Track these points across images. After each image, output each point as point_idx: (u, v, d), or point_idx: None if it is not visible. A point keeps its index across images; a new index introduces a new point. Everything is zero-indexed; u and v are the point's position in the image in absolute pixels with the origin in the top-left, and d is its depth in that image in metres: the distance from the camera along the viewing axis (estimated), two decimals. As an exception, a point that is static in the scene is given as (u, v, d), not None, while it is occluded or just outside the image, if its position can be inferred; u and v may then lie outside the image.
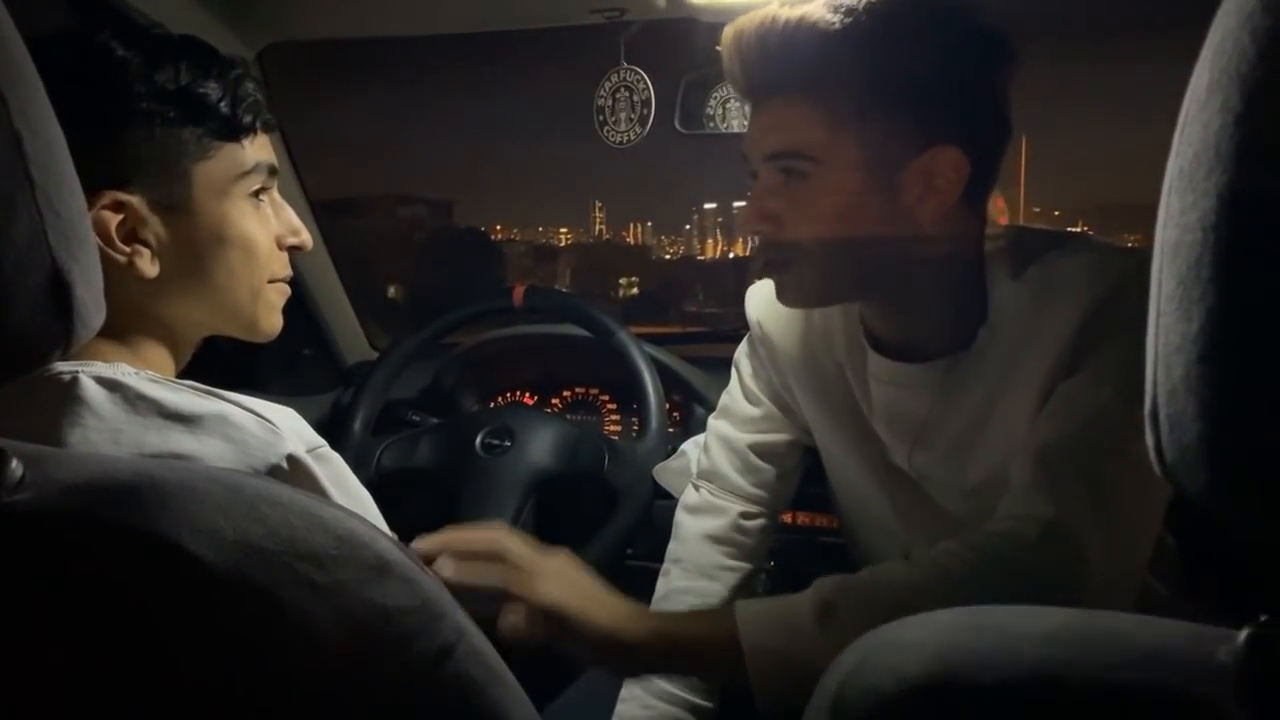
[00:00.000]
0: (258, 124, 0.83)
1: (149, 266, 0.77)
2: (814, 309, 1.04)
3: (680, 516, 1.18)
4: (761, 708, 0.79)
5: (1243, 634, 0.36)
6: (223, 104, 0.79)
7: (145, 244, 0.77)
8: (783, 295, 0.96)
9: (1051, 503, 0.78)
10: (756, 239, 0.93)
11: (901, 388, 0.96)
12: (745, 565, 1.13)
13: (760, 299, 1.11)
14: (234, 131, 0.81)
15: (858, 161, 0.85)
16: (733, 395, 1.18)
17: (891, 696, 0.40)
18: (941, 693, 0.39)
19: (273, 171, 0.86)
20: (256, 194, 0.84)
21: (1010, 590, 0.76)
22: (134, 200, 0.76)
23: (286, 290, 0.90)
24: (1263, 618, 0.36)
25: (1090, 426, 0.81)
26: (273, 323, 0.88)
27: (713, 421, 1.19)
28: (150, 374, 0.74)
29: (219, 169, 0.80)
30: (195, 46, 0.81)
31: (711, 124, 1.41)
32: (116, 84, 0.75)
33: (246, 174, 0.82)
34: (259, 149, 0.84)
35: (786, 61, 0.85)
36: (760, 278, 1.07)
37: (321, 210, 1.73)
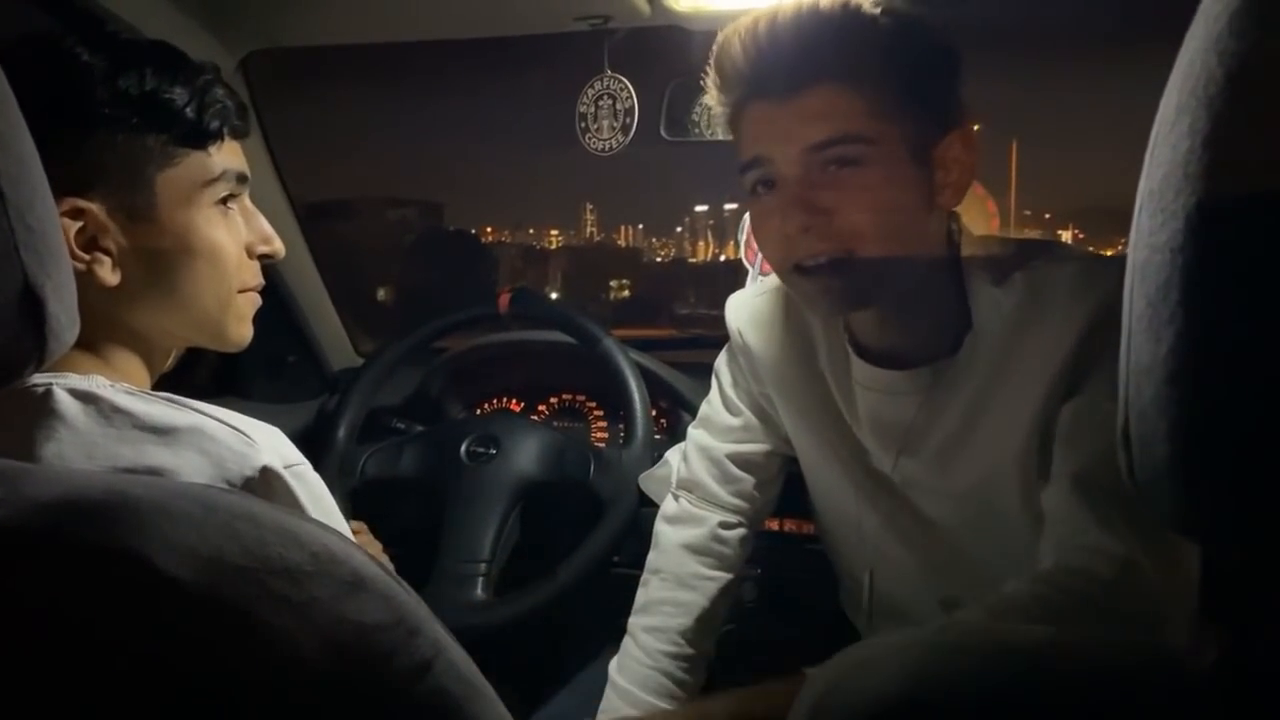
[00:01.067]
0: (225, 130, 0.81)
1: (109, 275, 0.75)
2: (794, 313, 1.04)
3: (660, 526, 1.18)
4: None
5: (1213, 653, 0.36)
6: (188, 110, 0.77)
7: (106, 252, 0.75)
8: (831, 300, 0.90)
9: (1107, 533, 0.76)
10: (803, 237, 0.86)
11: (888, 394, 0.96)
12: (724, 575, 1.13)
13: (741, 307, 1.11)
14: (200, 138, 0.79)
15: (904, 143, 0.84)
16: (712, 404, 1.17)
17: (867, 716, 0.40)
18: (917, 712, 0.39)
19: (242, 179, 0.83)
20: (225, 201, 0.82)
21: (1089, 626, 0.74)
22: (93, 207, 0.74)
23: (257, 300, 0.88)
24: (1230, 635, 0.36)
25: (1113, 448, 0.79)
26: (241, 333, 0.86)
27: (692, 430, 1.19)
28: (125, 386, 0.73)
29: (183, 176, 0.78)
30: (163, 51, 0.79)
31: (695, 130, 1.41)
32: (79, 88, 0.73)
33: (213, 181, 0.80)
34: (227, 155, 0.82)
35: (828, 48, 0.83)
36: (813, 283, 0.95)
37: (307, 214, 1.73)
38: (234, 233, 0.83)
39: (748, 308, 1.10)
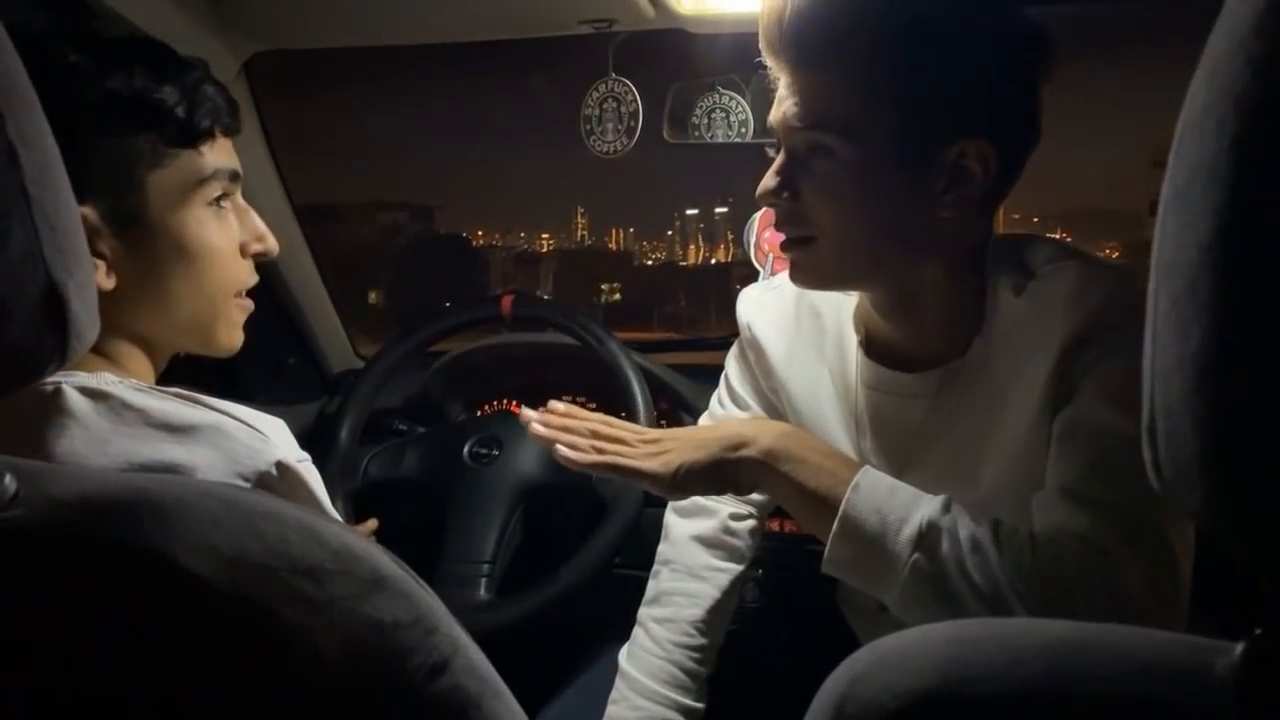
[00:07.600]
0: (216, 128, 0.79)
1: (104, 280, 0.74)
2: (805, 310, 1.04)
3: (670, 518, 1.18)
4: (826, 567, 0.85)
5: (1239, 647, 0.36)
6: (178, 109, 0.76)
7: (100, 256, 0.74)
8: (796, 274, 0.93)
9: (1092, 535, 0.76)
10: (777, 209, 0.90)
11: (895, 395, 0.96)
12: (735, 566, 1.14)
13: (752, 302, 1.11)
14: (190, 138, 0.77)
15: (890, 145, 0.83)
16: (722, 398, 1.18)
17: (891, 710, 0.40)
18: (942, 706, 0.39)
19: (235, 177, 0.82)
20: (218, 200, 0.81)
21: (1062, 601, 0.75)
22: (86, 211, 0.72)
23: (249, 305, 0.87)
24: (1258, 631, 0.36)
25: (1106, 450, 0.79)
26: (232, 340, 0.85)
27: (704, 421, 1.19)
28: (134, 382, 0.73)
29: (175, 177, 0.77)
30: (151, 49, 0.78)
31: (697, 134, 1.42)
32: (66, 90, 0.71)
33: (205, 181, 0.79)
34: (219, 154, 0.80)
35: (831, 33, 0.83)
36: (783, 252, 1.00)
37: (304, 216, 1.73)
38: (227, 232, 0.82)
39: (758, 302, 1.10)
